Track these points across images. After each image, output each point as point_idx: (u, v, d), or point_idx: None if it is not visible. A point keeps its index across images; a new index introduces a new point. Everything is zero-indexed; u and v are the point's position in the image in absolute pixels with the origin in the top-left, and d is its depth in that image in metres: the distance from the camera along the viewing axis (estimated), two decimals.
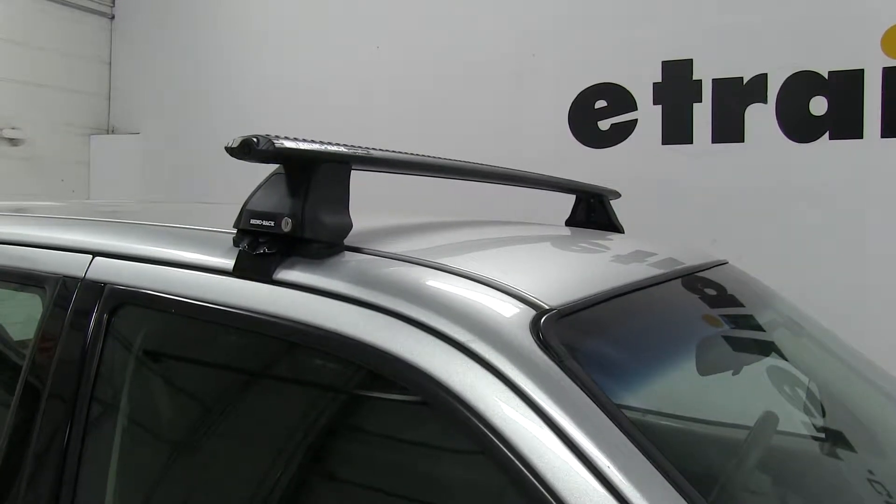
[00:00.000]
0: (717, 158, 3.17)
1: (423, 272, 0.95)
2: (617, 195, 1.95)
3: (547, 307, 0.89)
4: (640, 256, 1.38)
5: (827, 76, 2.97)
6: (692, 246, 1.63)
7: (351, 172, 1.02)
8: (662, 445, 0.78)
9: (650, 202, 3.06)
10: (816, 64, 2.99)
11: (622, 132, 3.36)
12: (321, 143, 0.97)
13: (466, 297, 0.90)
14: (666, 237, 1.72)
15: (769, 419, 1.19)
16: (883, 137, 2.89)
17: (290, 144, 0.92)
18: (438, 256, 1.00)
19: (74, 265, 1.12)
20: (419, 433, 0.93)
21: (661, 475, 0.74)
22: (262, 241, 0.96)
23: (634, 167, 3.27)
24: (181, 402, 1.13)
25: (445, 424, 0.81)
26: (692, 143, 3.22)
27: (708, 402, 1.19)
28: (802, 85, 3.02)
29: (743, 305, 1.48)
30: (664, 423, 0.99)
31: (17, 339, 1.44)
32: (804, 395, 1.33)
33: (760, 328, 1.41)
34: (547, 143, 3.48)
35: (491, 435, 0.76)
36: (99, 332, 1.05)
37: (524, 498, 0.73)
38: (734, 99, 3.14)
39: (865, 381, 1.50)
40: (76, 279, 1.10)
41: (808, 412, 1.33)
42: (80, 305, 1.08)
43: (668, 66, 3.26)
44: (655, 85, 3.28)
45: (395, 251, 1.00)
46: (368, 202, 1.26)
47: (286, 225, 0.93)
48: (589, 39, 3.43)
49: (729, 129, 3.16)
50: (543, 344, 0.83)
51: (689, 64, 3.22)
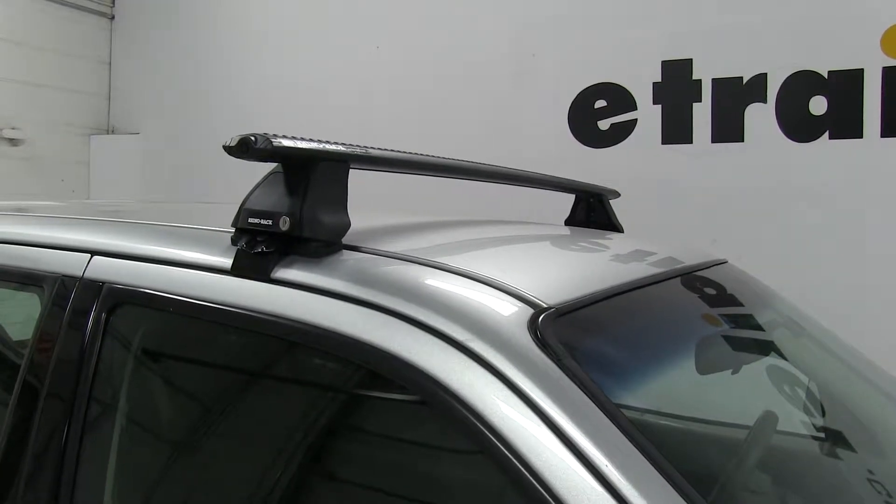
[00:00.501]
0: (716, 158, 3.16)
1: (421, 271, 0.95)
2: (616, 195, 1.95)
3: (545, 306, 0.89)
4: (639, 255, 1.38)
5: (827, 76, 2.97)
6: (691, 245, 1.63)
7: (349, 171, 1.02)
8: (660, 444, 0.78)
9: (650, 202, 3.06)
10: (816, 64, 2.99)
11: (622, 132, 3.36)
12: (319, 141, 0.97)
13: (465, 295, 0.90)
14: (666, 237, 1.72)
15: (768, 418, 1.18)
16: (883, 137, 2.89)
17: (288, 143, 0.92)
18: (437, 255, 1.00)
19: (73, 264, 1.12)
20: (417, 432, 0.93)
21: (658, 474, 0.74)
22: (260, 239, 0.96)
23: (634, 167, 3.27)
24: (179, 401, 1.13)
25: (444, 423, 0.81)
26: (692, 142, 3.22)
27: (706, 401, 1.19)
28: (802, 85, 3.01)
29: (742, 305, 1.48)
30: (662, 422, 0.98)
31: (16, 339, 1.44)
32: (803, 394, 1.33)
33: (760, 327, 1.41)
34: (547, 142, 3.48)
35: (489, 434, 0.76)
36: (97, 331, 1.05)
37: (522, 496, 0.73)
38: (734, 99, 3.14)
39: (865, 380, 1.50)
40: (75, 278, 1.10)
41: (806, 411, 1.32)
42: (78, 304, 1.08)
43: (667, 65, 3.26)
44: (655, 85, 3.28)
45: (393, 250, 1.00)
46: (367, 201, 1.25)
47: (284, 224, 0.93)
48: (589, 39, 3.43)
49: (729, 128, 3.15)
50: (541, 342, 0.83)
51: (688, 64, 3.22)
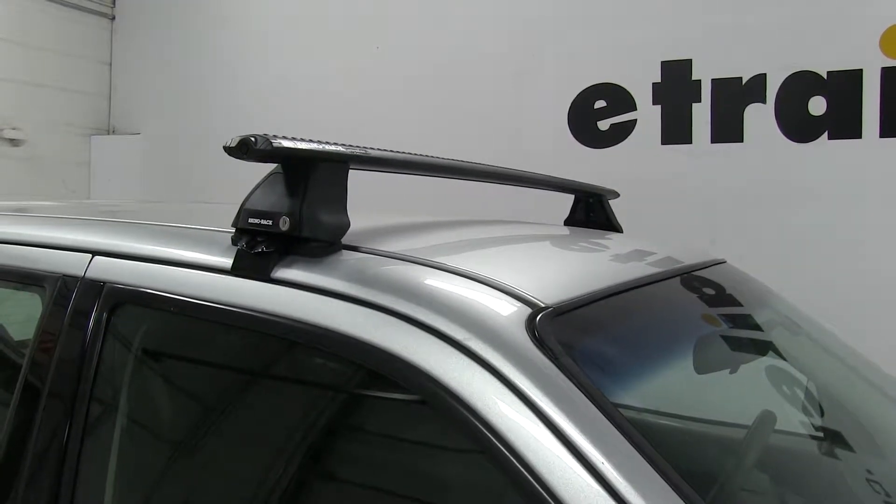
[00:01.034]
0: (716, 158, 3.17)
1: (420, 271, 0.95)
2: (616, 195, 1.95)
3: (543, 305, 0.89)
4: (637, 255, 1.39)
5: (826, 76, 2.98)
6: (690, 245, 1.63)
7: (349, 172, 1.02)
8: (657, 442, 0.79)
9: (649, 202, 3.06)
10: (815, 64, 2.99)
11: (621, 132, 3.37)
12: (319, 142, 0.98)
13: (463, 295, 0.90)
14: (665, 237, 1.72)
15: (766, 418, 1.19)
16: (882, 137, 2.89)
17: (287, 144, 0.92)
18: (436, 255, 1.01)
19: (74, 264, 1.12)
20: (416, 430, 0.93)
21: (655, 472, 0.74)
22: (260, 239, 0.97)
23: (634, 167, 3.27)
24: (180, 400, 1.14)
25: (442, 422, 0.82)
26: (691, 142, 3.23)
27: (703, 400, 1.19)
28: (801, 85, 3.02)
29: (741, 304, 1.48)
30: (659, 420, 0.99)
31: (17, 339, 1.45)
32: (801, 394, 1.33)
33: (758, 327, 1.41)
34: (546, 142, 3.49)
35: (487, 432, 0.76)
36: (98, 330, 1.05)
37: (520, 494, 0.74)
38: (733, 99, 3.14)
39: (863, 380, 1.50)
40: (76, 278, 1.10)
41: (804, 411, 1.33)
42: (79, 304, 1.08)
43: (667, 66, 3.26)
44: (655, 85, 3.28)
45: (392, 250, 1.00)
46: (367, 202, 1.26)
47: (284, 224, 0.94)
48: (588, 39, 3.44)
49: (728, 128, 3.16)
50: (539, 341, 0.83)
51: (688, 64, 3.22)
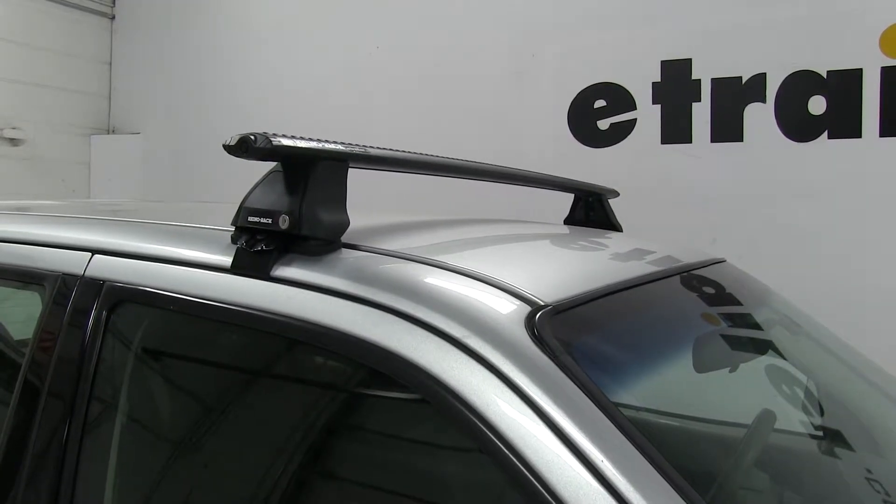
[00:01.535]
0: (716, 158, 3.17)
1: (419, 269, 0.95)
2: (615, 194, 1.95)
3: (542, 303, 0.89)
4: (637, 254, 1.39)
5: (825, 76, 2.98)
6: (690, 245, 1.63)
7: (348, 170, 1.02)
8: (656, 440, 0.79)
9: (649, 201, 3.06)
10: (815, 63, 2.99)
11: (621, 131, 3.37)
12: (319, 140, 0.98)
13: (462, 293, 0.91)
14: (665, 236, 1.72)
15: (765, 416, 1.19)
16: (881, 137, 2.89)
17: (287, 142, 0.92)
18: (435, 254, 1.01)
19: (73, 263, 1.12)
20: (415, 428, 0.93)
21: (654, 469, 0.74)
22: (259, 238, 0.97)
23: (633, 167, 3.27)
24: (180, 398, 1.14)
25: (441, 419, 0.82)
26: (691, 142, 3.23)
27: (702, 398, 1.19)
28: (801, 84, 3.02)
29: (740, 303, 1.48)
30: (658, 418, 0.99)
31: (17, 338, 1.45)
32: (800, 392, 1.33)
33: (757, 326, 1.42)
34: (546, 142, 3.49)
35: (486, 430, 0.77)
36: (98, 329, 1.05)
37: (519, 492, 0.74)
38: (733, 98, 3.14)
39: (862, 378, 1.50)
40: (75, 276, 1.10)
41: (803, 409, 1.33)
42: (79, 303, 1.08)
43: (667, 65, 3.26)
44: (654, 84, 3.28)
45: (391, 248, 1.01)
46: (366, 201, 1.26)
47: (284, 222, 0.94)
48: (588, 39, 3.44)
49: (728, 128, 3.16)
50: (538, 339, 0.83)
51: (688, 63, 3.22)
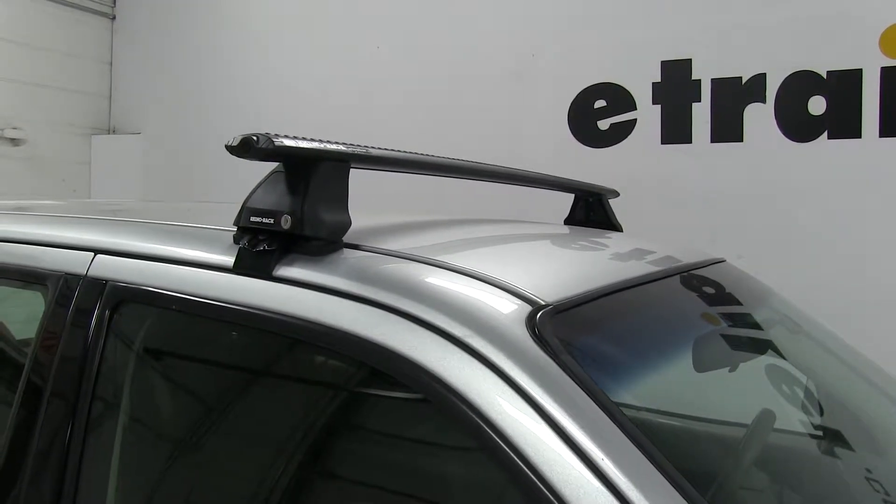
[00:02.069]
0: (716, 158, 3.17)
1: (420, 269, 0.96)
2: (616, 194, 1.95)
3: (543, 303, 0.90)
4: (637, 254, 1.39)
5: (825, 76, 2.98)
6: (689, 245, 1.63)
7: (350, 171, 1.03)
8: (656, 439, 0.79)
9: (649, 201, 3.07)
10: (815, 64, 2.99)
11: (621, 132, 3.37)
12: (321, 141, 0.98)
13: (463, 293, 0.91)
14: (665, 237, 1.72)
15: (764, 416, 1.19)
16: (881, 137, 2.90)
17: (289, 143, 0.93)
18: (436, 253, 1.01)
19: (76, 262, 1.12)
20: (416, 427, 0.94)
21: (654, 468, 0.74)
22: (261, 238, 0.97)
23: (633, 167, 3.28)
24: (183, 398, 1.14)
25: (442, 419, 0.82)
26: (691, 142, 3.23)
27: (702, 398, 1.19)
28: (801, 84, 3.02)
29: (740, 303, 1.49)
30: (658, 417, 0.99)
31: (20, 338, 1.45)
32: (800, 392, 1.34)
33: (757, 325, 1.42)
34: (546, 142, 3.49)
35: (487, 428, 0.77)
36: (101, 328, 1.05)
37: (520, 490, 0.74)
38: (733, 99, 3.15)
39: (862, 378, 1.50)
40: (78, 276, 1.10)
41: (803, 409, 1.33)
42: (81, 302, 1.08)
43: (667, 65, 3.27)
44: (655, 85, 3.29)
45: (393, 248, 1.01)
46: (368, 201, 1.26)
47: (286, 222, 0.94)
48: (588, 39, 3.44)
49: (728, 128, 3.16)
50: (539, 339, 0.84)
51: (688, 64, 3.23)
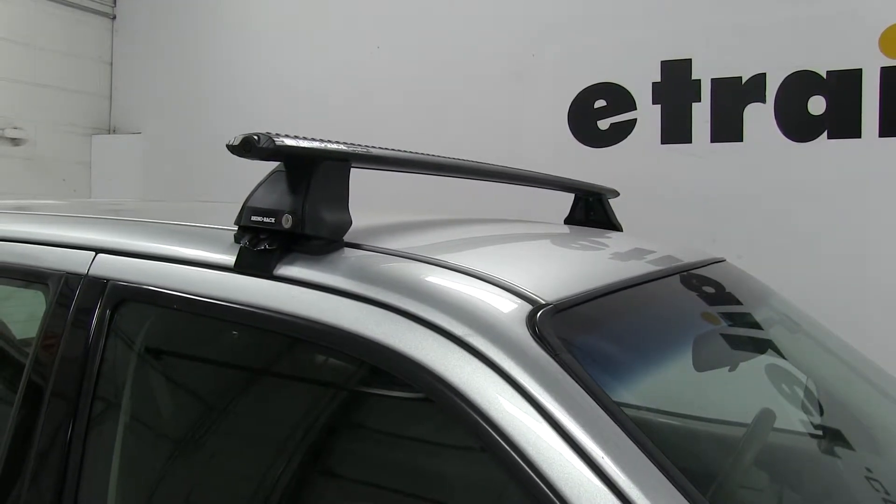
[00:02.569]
0: (716, 158, 3.17)
1: (421, 268, 0.96)
2: (615, 194, 1.96)
3: (543, 302, 0.90)
4: (637, 254, 1.40)
5: (825, 76, 2.98)
6: (689, 244, 1.64)
7: (351, 170, 1.03)
8: (657, 438, 0.79)
9: (649, 201, 3.06)
10: (815, 63, 2.99)
11: (621, 131, 3.37)
12: (321, 140, 0.98)
13: (464, 292, 0.91)
14: (665, 236, 1.73)
15: (764, 415, 1.20)
16: (881, 137, 2.89)
17: (290, 142, 0.93)
18: (437, 253, 1.02)
19: (77, 262, 1.13)
20: (417, 426, 0.94)
21: (654, 467, 0.75)
22: (262, 237, 0.98)
23: (633, 166, 3.27)
24: (183, 397, 1.14)
25: (443, 417, 0.83)
26: (691, 142, 3.23)
27: (702, 397, 1.20)
28: (801, 84, 3.02)
29: (740, 302, 1.49)
30: (658, 416, 1.00)
31: (20, 337, 1.45)
32: (800, 391, 1.34)
33: (757, 325, 1.42)
34: (546, 142, 3.49)
35: (488, 427, 0.77)
36: (101, 328, 1.06)
37: (520, 489, 0.74)
38: (733, 98, 3.15)
39: (861, 378, 1.51)
40: (79, 276, 1.11)
41: (803, 408, 1.34)
42: (82, 302, 1.09)
43: (667, 65, 3.27)
44: (654, 84, 3.29)
45: (393, 247, 1.01)
46: (368, 200, 1.27)
47: (287, 221, 0.95)
48: (588, 39, 3.44)
49: (728, 128, 3.16)
50: (539, 338, 0.84)
51: (688, 63, 3.22)
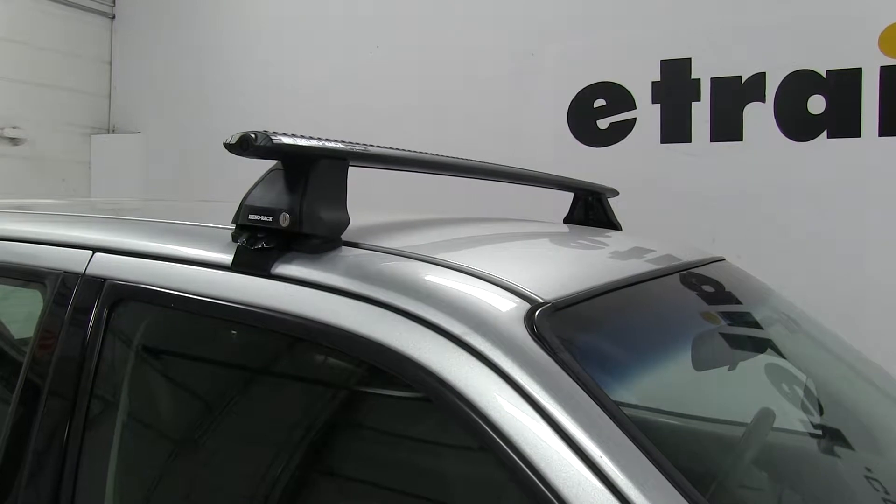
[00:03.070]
0: (715, 157, 3.17)
1: (419, 267, 0.96)
2: (615, 193, 1.95)
3: (542, 301, 0.90)
4: (636, 253, 1.39)
5: (825, 75, 2.98)
6: (689, 243, 1.63)
7: (349, 169, 1.03)
8: (655, 438, 0.79)
9: (649, 201, 3.06)
10: (814, 63, 2.99)
11: (621, 131, 3.37)
12: (319, 139, 0.98)
13: (462, 290, 0.91)
14: (664, 235, 1.72)
15: (763, 414, 1.19)
16: (881, 136, 2.89)
17: (288, 140, 0.93)
18: (435, 251, 1.01)
19: (74, 261, 1.12)
20: (415, 425, 0.94)
21: (652, 466, 0.74)
22: (260, 236, 0.97)
23: (633, 166, 3.27)
24: (181, 396, 1.14)
25: (440, 416, 0.82)
26: (691, 141, 3.22)
27: (701, 396, 1.19)
28: (801, 84, 3.02)
29: (739, 301, 1.48)
30: (657, 416, 0.99)
31: (17, 336, 1.45)
32: (800, 391, 1.34)
33: (756, 324, 1.42)
34: (546, 141, 3.49)
35: (485, 426, 0.77)
36: (99, 327, 1.05)
37: (518, 488, 0.74)
38: (733, 98, 3.14)
39: (861, 377, 1.50)
40: (76, 275, 1.10)
41: (803, 408, 1.33)
42: (80, 301, 1.08)
43: (666, 64, 3.26)
44: (654, 84, 3.28)
45: (391, 246, 1.01)
46: (366, 199, 1.26)
47: (284, 220, 0.94)
48: (588, 39, 3.44)
49: (727, 127, 3.16)
50: (538, 337, 0.84)
51: (687, 63, 3.22)
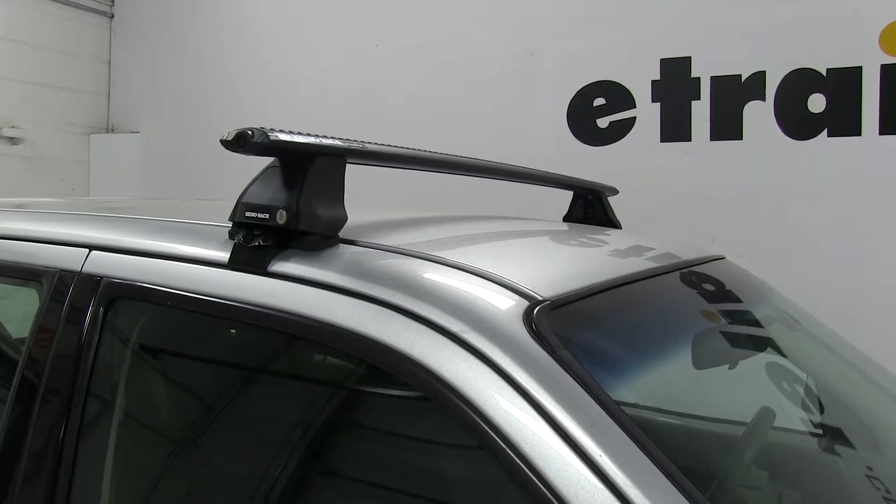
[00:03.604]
0: (715, 156, 3.17)
1: (417, 264, 0.95)
2: (614, 192, 1.95)
3: (540, 298, 0.89)
4: (635, 251, 1.39)
5: (825, 73, 2.97)
6: (689, 242, 1.63)
7: (346, 166, 1.02)
8: (655, 436, 0.79)
9: (648, 199, 3.06)
10: (815, 61, 2.99)
11: (621, 130, 3.36)
12: (316, 136, 0.98)
13: (460, 288, 0.90)
14: (664, 234, 1.72)
15: (764, 414, 1.19)
16: (881, 135, 2.89)
17: (285, 137, 0.92)
18: (433, 249, 1.01)
19: (71, 259, 1.12)
20: (412, 422, 0.93)
21: (652, 464, 0.74)
22: (257, 233, 0.97)
23: (633, 164, 3.27)
24: (177, 395, 1.14)
25: (438, 414, 0.82)
26: (691, 140, 3.22)
27: (701, 395, 1.19)
28: (801, 82, 3.02)
29: (739, 300, 1.48)
30: (656, 414, 0.99)
31: (14, 334, 1.45)
32: (800, 389, 1.33)
33: (756, 323, 1.41)
34: (546, 140, 3.48)
35: (483, 424, 0.76)
36: (95, 325, 1.05)
37: (516, 485, 0.74)
38: (732, 96, 3.14)
39: (861, 375, 1.50)
40: (73, 273, 1.10)
41: (803, 406, 1.33)
42: (76, 299, 1.08)
43: (666, 63, 3.26)
44: (654, 82, 3.28)
45: (389, 243, 1.01)
46: (364, 197, 1.26)
47: (281, 217, 0.94)
48: (588, 37, 3.44)
49: (727, 126, 3.16)
50: (536, 334, 0.83)
51: (687, 61, 3.22)
